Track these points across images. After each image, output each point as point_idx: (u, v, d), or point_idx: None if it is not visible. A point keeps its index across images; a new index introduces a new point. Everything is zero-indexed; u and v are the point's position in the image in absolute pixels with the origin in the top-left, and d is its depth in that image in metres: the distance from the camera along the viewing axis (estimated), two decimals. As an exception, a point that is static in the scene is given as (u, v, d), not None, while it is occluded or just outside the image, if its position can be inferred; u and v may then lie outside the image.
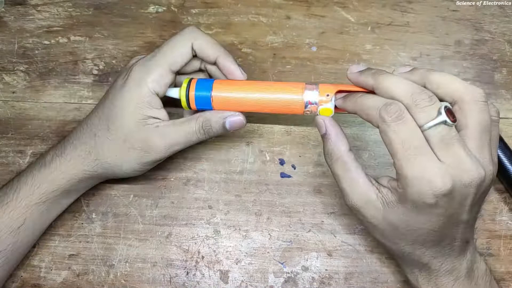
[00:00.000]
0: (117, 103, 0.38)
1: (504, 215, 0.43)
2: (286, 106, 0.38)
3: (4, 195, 0.38)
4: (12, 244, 0.38)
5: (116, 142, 0.38)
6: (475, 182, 0.30)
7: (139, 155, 0.38)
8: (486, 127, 0.31)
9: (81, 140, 0.39)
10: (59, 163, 0.38)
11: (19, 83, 0.48)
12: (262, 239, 0.43)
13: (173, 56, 0.38)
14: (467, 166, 0.29)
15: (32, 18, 0.51)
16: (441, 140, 0.30)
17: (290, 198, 0.44)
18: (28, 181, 0.38)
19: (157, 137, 0.38)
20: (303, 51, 0.49)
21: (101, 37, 0.50)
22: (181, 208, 0.44)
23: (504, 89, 0.48)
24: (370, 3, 0.51)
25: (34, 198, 0.38)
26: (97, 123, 0.39)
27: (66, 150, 0.39)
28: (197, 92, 0.38)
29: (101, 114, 0.39)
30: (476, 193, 0.31)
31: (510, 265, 0.42)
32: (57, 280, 0.42)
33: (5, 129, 0.46)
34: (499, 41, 0.50)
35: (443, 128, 0.30)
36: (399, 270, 0.41)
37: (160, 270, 0.42)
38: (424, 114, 0.30)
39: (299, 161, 0.45)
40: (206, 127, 0.38)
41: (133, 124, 0.37)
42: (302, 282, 0.41)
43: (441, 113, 0.30)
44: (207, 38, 0.39)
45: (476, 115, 0.31)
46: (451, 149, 0.30)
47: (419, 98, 0.30)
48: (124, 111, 0.37)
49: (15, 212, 0.37)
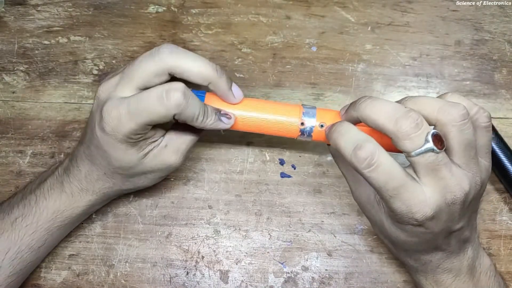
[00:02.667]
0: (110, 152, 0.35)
1: (504, 215, 0.43)
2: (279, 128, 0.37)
3: (22, 217, 0.37)
4: (32, 262, 0.38)
5: (130, 177, 0.37)
6: (459, 199, 0.30)
7: (156, 175, 0.38)
8: (468, 144, 0.30)
9: (94, 177, 0.37)
10: (81, 193, 0.38)
11: (19, 83, 0.48)
12: (262, 239, 0.43)
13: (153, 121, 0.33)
14: (451, 187, 0.29)
15: (32, 18, 0.51)
16: (427, 166, 0.29)
17: (290, 198, 0.44)
18: (49, 206, 0.37)
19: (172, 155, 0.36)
20: (303, 51, 0.49)
21: (101, 37, 0.50)
22: (181, 208, 0.44)
23: (504, 89, 0.48)
24: (370, 3, 0.51)
25: (57, 222, 0.38)
26: (100, 166, 0.37)
27: (83, 183, 0.38)
28: None
29: (100, 159, 0.36)
30: (463, 207, 0.31)
31: (510, 265, 0.42)
32: (57, 280, 0.41)
33: (5, 129, 0.46)
34: (499, 41, 0.50)
35: (430, 155, 0.29)
36: (399, 270, 0.42)
37: (160, 270, 0.42)
38: (410, 142, 0.29)
39: (299, 161, 0.45)
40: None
41: (139, 160, 0.36)
42: (302, 282, 0.41)
43: (428, 140, 0.28)
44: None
45: (456, 136, 0.30)
46: (436, 173, 0.29)
47: (404, 125, 0.28)
48: (123, 159, 0.35)
49: (37, 234, 0.37)
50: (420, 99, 0.31)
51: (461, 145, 0.30)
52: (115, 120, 0.33)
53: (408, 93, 0.48)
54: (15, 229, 0.36)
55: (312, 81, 0.48)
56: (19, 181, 0.44)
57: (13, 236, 0.36)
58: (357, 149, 0.29)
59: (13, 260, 0.36)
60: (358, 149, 0.29)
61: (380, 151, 0.29)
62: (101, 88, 0.35)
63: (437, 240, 0.32)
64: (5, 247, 0.36)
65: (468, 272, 0.35)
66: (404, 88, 0.48)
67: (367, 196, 0.34)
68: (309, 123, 0.36)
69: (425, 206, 0.29)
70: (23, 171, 0.45)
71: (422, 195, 0.29)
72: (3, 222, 0.37)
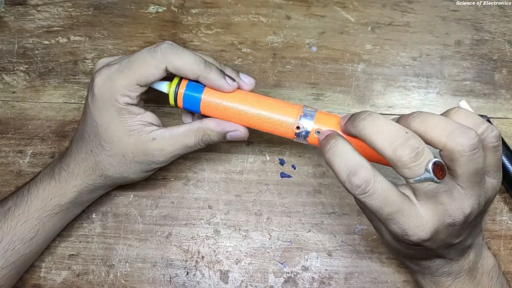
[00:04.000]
0: (98, 120, 0.36)
1: (504, 215, 0.43)
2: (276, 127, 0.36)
3: (15, 206, 0.37)
4: (25, 255, 0.38)
5: (115, 157, 0.37)
6: (458, 222, 0.29)
7: (141, 165, 0.38)
8: (476, 172, 0.28)
9: (81, 156, 0.38)
10: (68, 177, 0.38)
11: (19, 83, 0.48)
12: (262, 239, 0.43)
13: (142, 74, 0.35)
14: (450, 212, 0.29)
15: (32, 18, 0.51)
16: (426, 193, 0.28)
17: (290, 198, 0.44)
18: (39, 194, 0.38)
19: (156, 151, 0.37)
20: (303, 51, 0.49)
21: (101, 37, 0.50)
22: (181, 208, 0.44)
23: (504, 89, 0.48)
24: (370, 3, 0.51)
25: (47, 210, 0.38)
26: (88, 140, 0.37)
27: (71, 166, 0.38)
28: (187, 91, 0.36)
29: (89, 131, 0.37)
30: (462, 227, 0.30)
31: (510, 265, 0.42)
32: (57, 280, 0.42)
33: (5, 129, 0.46)
34: (499, 41, 0.50)
35: (429, 184, 0.28)
36: (399, 270, 0.42)
37: (160, 270, 0.42)
38: (409, 171, 0.27)
39: (299, 161, 0.45)
40: (206, 141, 0.37)
41: (126, 138, 0.36)
42: (302, 282, 0.41)
43: (429, 171, 0.27)
44: (183, 59, 0.35)
45: (463, 165, 0.28)
46: (436, 200, 0.28)
47: (403, 154, 0.27)
48: (109, 128, 0.36)
49: (28, 224, 0.37)
50: (429, 119, 0.29)
51: (468, 173, 0.28)
52: (105, 80, 0.35)
53: (408, 93, 0.48)
54: (7, 219, 0.37)
55: (312, 81, 0.48)
56: (19, 181, 0.44)
57: (6, 226, 0.36)
58: (351, 175, 0.28)
59: (6, 252, 0.36)
60: (352, 175, 0.28)
61: (376, 178, 0.28)
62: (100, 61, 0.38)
63: (437, 251, 0.32)
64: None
65: (468, 274, 0.34)
66: (404, 88, 0.48)
67: None
68: (306, 127, 0.35)
69: (421, 230, 0.29)
70: (23, 171, 0.45)
71: (419, 220, 0.28)
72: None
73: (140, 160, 0.37)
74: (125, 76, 0.35)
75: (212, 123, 0.37)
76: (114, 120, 0.36)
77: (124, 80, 0.35)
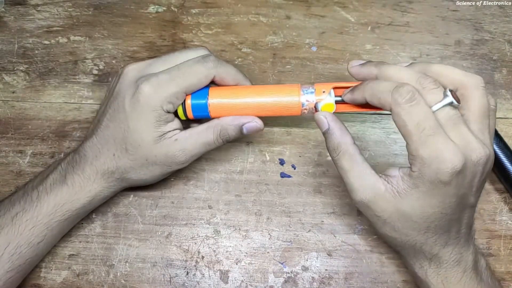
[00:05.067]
0: (132, 125, 0.37)
1: (504, 215, 0.43)
2: (283, 108, 0.38)
3: (23, 211, 0.37)
4: (31, 259, 0.38)
5: (138, 161, 0.38)
6: (483, 160, 0.31)
7: (162, 168, 0.39)
8: (486, 112, 0.32)
9: (100, 161, 0.38)
10: (83, 183, 0.38)
11: (19, 83, 0.48)
12: (262, 239, 0.43)
13: (192, 83, 0.37)
14: (474, 145, 0.31)
15: (32, 18, 0.51)
16: (449, 120, 0.31)
17: (290, 198, 0.44)
18: (50, 200, 0.37)
19: (177, 151, 0.38)
20: (303, 51, 0.49)
21: (101, 37, 0.50)
22: (181, 208, 0.44)
23: (504, 89, 0.48)
24: (370, 3, 0.51)
25: (57, 216, 0.38)
26: (112, 143, 0.38)
27: (87, 171, 0.38)
28: (193, 100, 0.38)
29: (116, 135, 0.38)
30: (483, 173, 0.32)
31: (510, 265, 0.42)
32: (57, 280, 0.42)
33: (5, 129, 0.46)
34: (499, 41, 0.50)
35: (450, 109, 0.31)
36: (399, 270, 0.42)
37: (160, 270, 0.42)
38: (431, 96, 0.31)
39: (299, 161, 0.45)
40: (224, 136, 0.39)
41: (152, 142, 0.37)
42: (302, 282, 0.41)
43: (447, 95, 0.31)
44: (227, 69, 0.38)
45: (477, 99, 0.32)
46: (458, 129, 0.31)
47: (425, 82, 0.31)
48: (141, 133, 0.37)
49: (36, 229, 0.37)
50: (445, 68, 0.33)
51: (480, 109, 0.32)
52: (154, 87, 0.36)
53: (408, 93, 0.48)
54: (15, 224, 0.36)
55: (312, 81, 0.48)
56: (19, 181, 0.44)
57: (13, 230, 0.36)
58: (400, 86, 0.31)
59: (12, 255, 0.36)
60: (400, 86, 0.31)
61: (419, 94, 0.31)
62: (129, 68, 0.38)
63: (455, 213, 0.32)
64: (4, 241, 0.36)
65: (473, 267, 0.35)
66: (404, 88, 0.48)
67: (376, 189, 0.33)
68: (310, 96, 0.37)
69: (456, 155, 0.30)
70: (23, 171, 0.45)
71: (453, 145, 0.30)
72: (4, 218, 0.37)
73: (162, 162, 0.38)
74: (176, 84, 0.36)
75: (228, 118, 0.39)
76: (149, 125, 0.37)
77: (175, 88, 0.36)
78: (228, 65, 0.39)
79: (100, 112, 0.40)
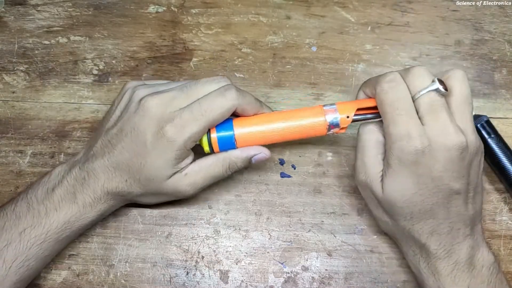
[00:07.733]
0: (150, 161, 0.37)
1: (504, 215, 0.43)
2: (310, 130, 0.38)
3: (31, 228, 0.36)
4: (38, 269, 0.38)
5: (148, 191, 0.39)
6: (456, 146, 0.33)
7: (169, 197, 0.40)
8: (467, 99, 0.35)
9: (112, 184, 0.38)
10: (93, 203, 0.38)
11: (19, 83, 0.48)
12: (262, 239, 0.43)
13: (215, 118, 0.37)
14: (449, 130, 0.33)
15: (32, 18, 0.51)
16: (430, 105, 0.34)
17: (290, 198, 0.44)
18: (60, 218, 0.37)
19: (186, 186, 0.38)
20: (303, 51, 0.49)
21: (101, 37, 0.50)
22: (181, 208, 0.44)
23: (504, 89, 0.48)
24: (370, 3, 0.51)
25: (66, 232, 0.38)
26: (126, 171, 0.37)
27: (98, 192, 0.38)
28: (218, 134, 0.38)
29: (131, 165, 0.37)
30: (463, 159, 0.33)
31: (510, 265, 0.42)
32: (57, 280, 0.41)
33: (5, 129, 0.46)
34: (499, 41, 0.50)
35: (434, 95, 0.34)
36: (399, 270, 0.42)
37: (160, 270, 0.42)
38: (419, 80, 0.34)
39: (299, 161, 0.45)
40: (233, 169, 0.39)
41: (165, 178, 0.37)
42: (302, 282, 0.41)
43: (435, 81, 0.34)
44: (247, 99, 0.38)
45: (458, 86, 0.35)
46: (437, 114, 0.33)
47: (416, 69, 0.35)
48: (156, 170, 0.37)
49: (45, 244, 0.37)
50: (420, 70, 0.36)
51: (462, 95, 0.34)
52: (179, 128, 0.36)
53: (408, 93, 0.48)
54: (23, 239, 0.36)
55: (312, 81, 0.48)
56: (19, 181, 0.44)
57: (21, 246, 0.36)
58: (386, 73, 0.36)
59: (20, 268, 0.36)
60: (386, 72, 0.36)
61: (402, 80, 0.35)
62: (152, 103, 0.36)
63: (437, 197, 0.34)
64: (12, 256, 0.36)
65: (467, 262, 0.35)
66: (404, 88, 0.48)
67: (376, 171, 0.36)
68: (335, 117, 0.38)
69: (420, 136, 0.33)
70: (23, 171, 0.45)
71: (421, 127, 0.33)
72: (11, 233, 0.36)
73: (170, 194, 0.39)
74: (199, 123, 0.36)
75: (236, 151, 0.39)
76: (167, 163, 0.37)
77: (198, 127, 0.36)
78: (248, 95, 0.38)
79: (112, 132, 0.38)
